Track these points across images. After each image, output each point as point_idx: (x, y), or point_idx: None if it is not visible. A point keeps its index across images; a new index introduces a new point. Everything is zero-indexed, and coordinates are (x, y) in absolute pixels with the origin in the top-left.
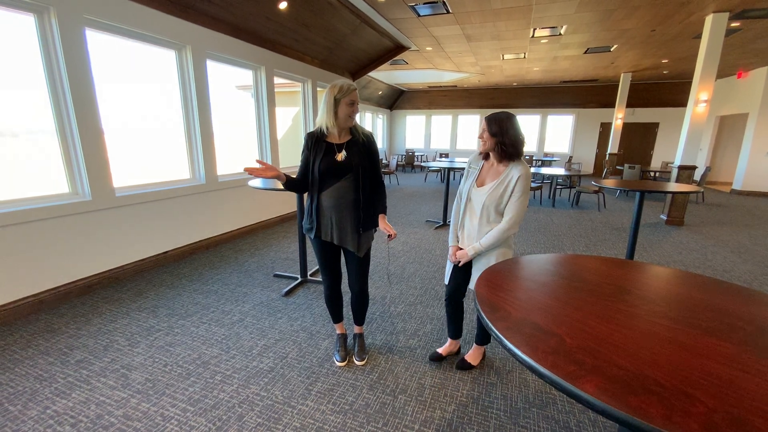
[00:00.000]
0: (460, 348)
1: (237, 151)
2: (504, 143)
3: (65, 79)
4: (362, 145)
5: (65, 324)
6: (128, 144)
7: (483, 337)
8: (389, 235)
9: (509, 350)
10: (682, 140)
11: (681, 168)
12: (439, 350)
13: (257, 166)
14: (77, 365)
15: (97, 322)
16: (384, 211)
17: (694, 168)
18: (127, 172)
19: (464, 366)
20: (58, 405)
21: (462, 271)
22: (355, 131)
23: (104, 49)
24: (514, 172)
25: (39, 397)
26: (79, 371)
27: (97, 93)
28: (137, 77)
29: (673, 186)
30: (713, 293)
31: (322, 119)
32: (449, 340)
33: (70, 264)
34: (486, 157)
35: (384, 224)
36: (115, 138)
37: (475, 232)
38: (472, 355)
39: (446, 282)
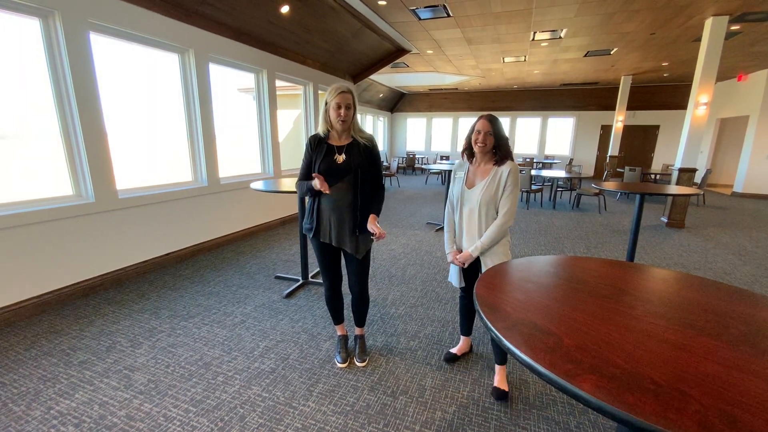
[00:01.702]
0: (472, 346)
1: (239, 153)
2: (501, 145)
3: (69, 82)
4: (363, 147)
5: (68, 325)
6: (131, 146)
7: (502, 356)
8: (373, 234)
9: (508, 350)
10: (683, 143)
11: (681, 170)
12: (453, 350)
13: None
14: (80, 366)
15: (99, 323)
16: (377, 213)
17: (694, 170)
18: (130, 174)
19: (501, 395)
20: (62, 405)
21: (470, 272)
22: (356, 134)
23: (108, 52)
24: (503, 169)
25: (42, 397)
26: (82, 372)
27: (100, 96)
28: (140, 80)
29: (674, 188)
30: (710, 294)
31: (321, 122)
32: (462, 338)
33: (74, 265)
34: (470, 158)
35: (372, 224)
36: (119, 140)
37: (476, 231)
38: (500, 380)
39: (456, 285)
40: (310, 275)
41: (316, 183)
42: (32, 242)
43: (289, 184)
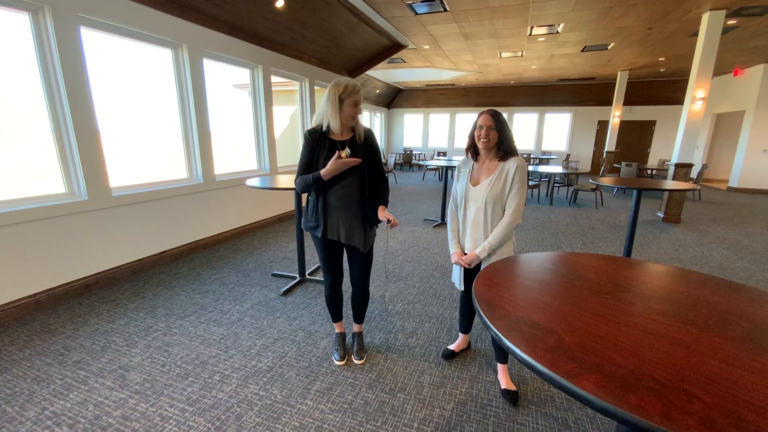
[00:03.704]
0: (470, 343)
1: (235, 150)
2: (505, 140)
3: (60, 79)
4: (364, 141)
5: (62, 325)
6: (125, 143)
7: (504, 354)
8: (389, 221)
9: (508, 348)
10: (679, 138)
11: (678, 166)
12: (451, 347)
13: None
14: (75, 366)
15: (94, 322)
16: (385, 204)
17: (690, 165)
18: (124, 171)
19: (514, 398)
20: (56, 406)
21: (472, 272)
22: (357, 128)
23: (100, 47)
24: (510, 165)
25: (36, 398)
26: (77, 372)
27: (92, 92)
28: (133, 76)
29: (670, 184)
30: (710, 290)
31: (324, 117)
32: (461, 335)
33: (67, 264)
34: (474, 156)
35: (383, 213)
36: (112, 137)
37: (482, 230)
38: (507, 381)
39: (458, 286)
40: (307, 272)
41: (343, 160)
42: (24, 241)
43: (286, 180)
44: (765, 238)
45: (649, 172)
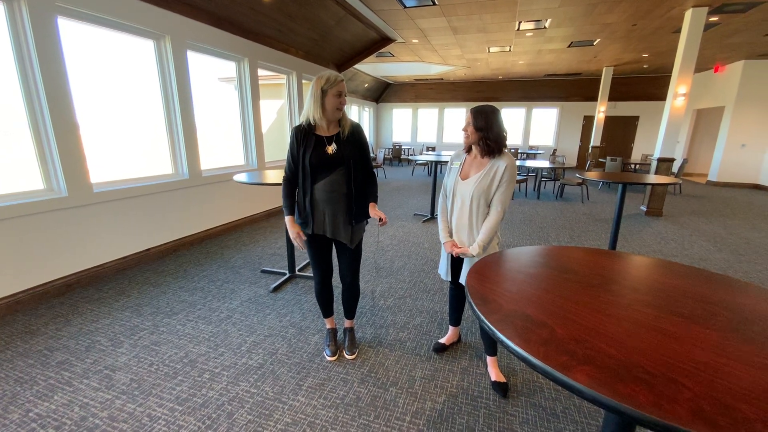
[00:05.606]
0: (460, 335)
1: (221, 145)
2: (488, 138)
3: (37, 71)
4: (351, 136)
5: (44, 325)
6: (107, 138)
7: (493, 347)
8: (380, 219)
9: (502, 342)
10: (661, 133)
11: (660, 160)
12: (442, 340)
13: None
14: (58, 367)
15: (77, 322)
16: (375, 200)
17: (672, 160)
18: (106, 167)
19: (504, 389)
20: (41, 408)
21: (458, 264)
22: (343, 123)
23: (79, 38)
24: (500, 163)
25: (20, 400)
26: (61, 373)
27: (71, 84)
28: (115, 68)
29: (653, 178)
30: (693, 282)
31: (309, 111)
32: (451, 328)
33: (47, 263)
34: (468, 150)
35: (374, 211)
36: (93, 132)
37: (466, 223)
38: (496, 373)
39: (445, 278)
40: (297, 269)
41: (294, 236)
42: (1, 239)
43: (274, 176)
44: (742, 230)
45: (632, 166)
